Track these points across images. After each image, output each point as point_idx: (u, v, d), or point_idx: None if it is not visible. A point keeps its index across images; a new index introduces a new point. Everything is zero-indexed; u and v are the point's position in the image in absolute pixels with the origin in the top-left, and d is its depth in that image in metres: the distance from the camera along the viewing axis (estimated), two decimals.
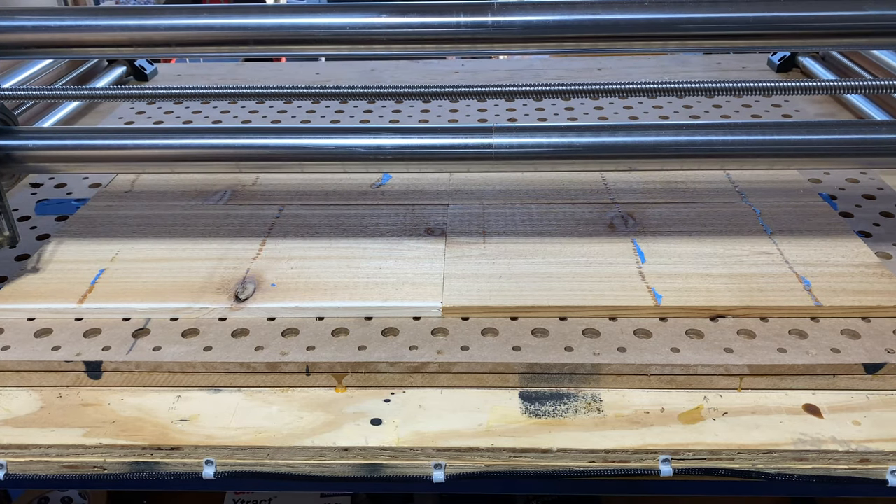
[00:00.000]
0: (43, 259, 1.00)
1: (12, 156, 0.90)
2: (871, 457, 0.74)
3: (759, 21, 0.80)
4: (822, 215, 1.06)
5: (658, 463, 0.75)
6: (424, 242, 1.02)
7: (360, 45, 0.83)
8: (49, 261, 1.00)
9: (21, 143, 0.92)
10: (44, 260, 1.00)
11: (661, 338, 0.85)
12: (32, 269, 0.98)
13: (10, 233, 0.91)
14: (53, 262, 0.99)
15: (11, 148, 0.90)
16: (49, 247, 1.03)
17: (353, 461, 0.76)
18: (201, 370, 0.83)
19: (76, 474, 0.78)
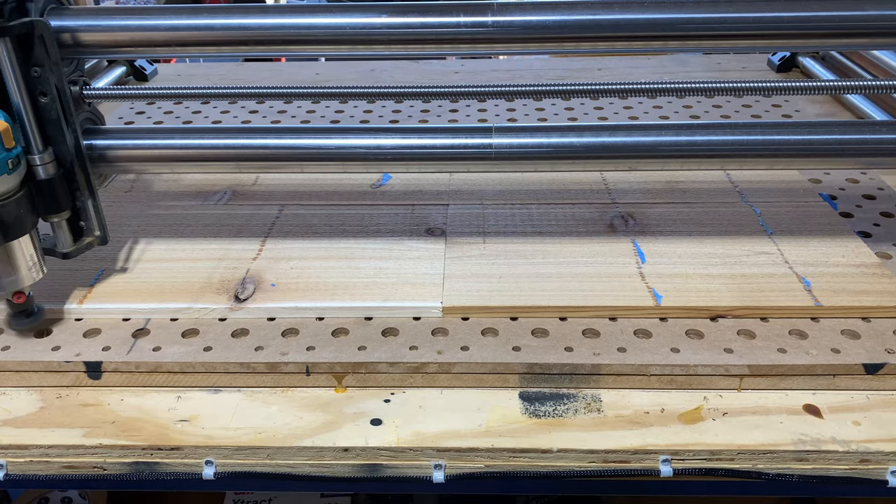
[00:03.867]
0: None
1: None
2: (871, 457, 0.74)
3: (759, 21, 0.80)
4: (822, 215, 1.06)
5: (658, 463, 0.75)
6: (424, 242, 1.02)
7: (360, 45, 0.83)
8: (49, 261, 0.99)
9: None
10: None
11: (661, 338, 0.85)
12: None
13: (101, 233, 0.91)
14: (54, 262, 0.99)
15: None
16: None
17: (353, 461, 0.76)
18: (201, 370, 0.83)
19: (76, 474, 0.78)
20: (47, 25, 0.77)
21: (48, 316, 0.90)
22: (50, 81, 0.79)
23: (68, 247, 0.89)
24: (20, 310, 0.86)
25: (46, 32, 0.77)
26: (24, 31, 0.76)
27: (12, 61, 0.76)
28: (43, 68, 0.78)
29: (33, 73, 0.78)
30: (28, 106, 0.79)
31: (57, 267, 0.98)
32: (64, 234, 0.88)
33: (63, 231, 0.88)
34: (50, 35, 0.78)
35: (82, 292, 0.93)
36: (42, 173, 0.82)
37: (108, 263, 0.99)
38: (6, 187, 0.78)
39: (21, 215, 0.80)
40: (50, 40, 0.78)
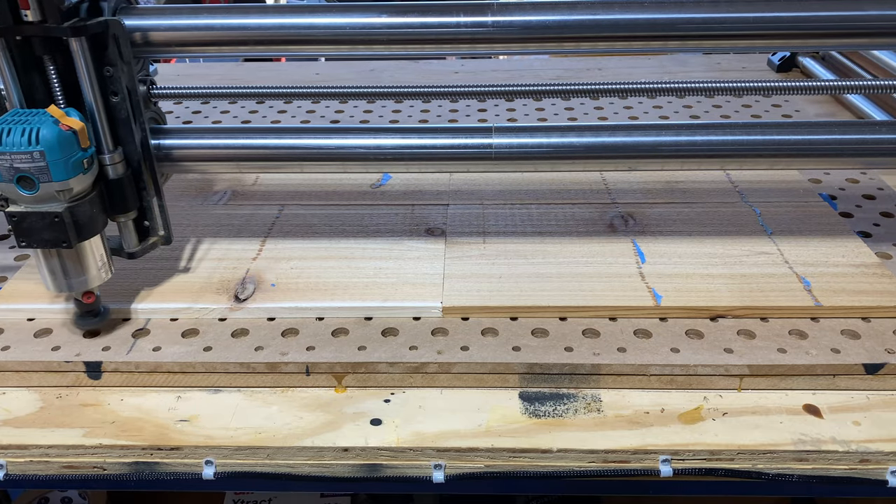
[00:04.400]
0: None
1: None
2: (871, 457, 0.74)
3: (759, 21, 0.80)
4: (822, 215, 1.06)
5: (658, 463, 0.75)
6: (424, 242, 1.02)
7: (360, 45, 0.83)
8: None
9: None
10: None
11: (661, 338, 0.85)
12: (32, 269, 0.98)
13: (166, 232, 0.91)
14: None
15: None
16: None
17: (353, 461, 0.76)
18: (201, 370, 0.83)
19: (76, 474, 0.78)
20: (121, 24, 0.78)
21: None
22: (121, 81, 0.79)
23: (134, 247, 0.89)
24: (88, 310, 0.86)
25: (120, 31, 0.78)
26: (99, 31, 0.76)
27: (87, 60, 0.76)
28: (115, 67, 0.79)
29: (105, 73, 0.79)
30: (100, 105, 0.79)
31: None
32: (130, 233, 0.88)
33: (129, 231, 0.88)
34: (124, 34, 0.78)
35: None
36: (112, 173, 0.82)
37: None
38: (81, 187, 0.78)
39: (93, 215, 0.80)
40: (123, 39, 0.78)
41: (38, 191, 0.75)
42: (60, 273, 0.82)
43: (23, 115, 0.74)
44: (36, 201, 0.76)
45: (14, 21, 0.73)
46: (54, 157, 0.73)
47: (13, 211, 0.76)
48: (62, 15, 0.73)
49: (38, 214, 0.76)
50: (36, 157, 0.73)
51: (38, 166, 0.73)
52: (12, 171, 0.73)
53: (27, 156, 0.73)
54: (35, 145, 0.72)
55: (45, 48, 0.76)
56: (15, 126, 0.73)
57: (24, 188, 0.75)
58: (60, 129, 0.73)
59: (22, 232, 0.77)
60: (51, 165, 0.73)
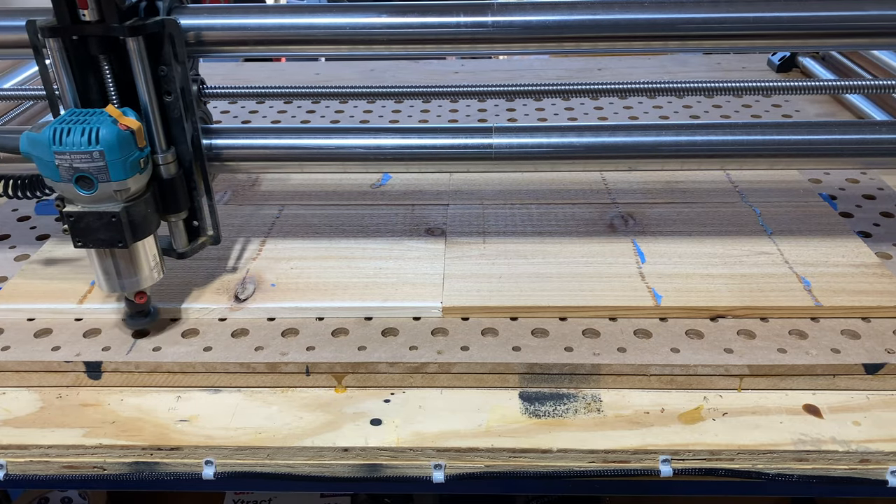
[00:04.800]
0: (43, 259, 1.00)
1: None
2: (871, 457, 0.74)
3: (759, 21, 0.80)
4: (822, 215, 1.06)
5: (658, 463, 0.75)
6: (424, 242, 1.02)
7: (360, 45, 0.83)
8: (49, 261, 1.00)
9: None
10: (44, 260, 1.00)
11: (661, 338, 0.85)
12: (32, 269, 0.98)
13: (215, 232, 0.91)
14: (53, 263, 0.99)
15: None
16: (49, 247, 1.03)
17: (352, 461, 0.76)
18: (201, 370, 0.83)
19: (76, 474, 0.78)
20: (177, 24, 0.78)
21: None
22: (175, 80, 0.79)
23: (184, 246, 0.89)
24: (139, 310, 0.86)
25: (176, 31, 0.78)
26: (155, 31, 0.76)
27: (143, 60, 0.76)
28: (169, 67, 0.79)
29: (160, 72, 0.79)
30: (154, 105, 0.79)
31: (57, 267, 0.98)
32: (180, 233, 0.88)
33: (179, 231, 0.88)
34: (179, 34, 0.78)
35: (82, 292, 0.92)
36: (164, 173, 0.82)
37: None
38: (138, 186, 0.77)
39: (148, 215, 0.80)
40: (179, 39, 0.78)
41: (97, 191, 0.74)
42: (114, 273, 0.81)
43: (81, 115, 0.74)
44: (93, 201, 0.76)
45: (71, 21, 0.73)
46: (113, 156, 0.73)
47: (70, 211, 0.76)
48: (120, 15, 0.73)
49: (95, 214, 0.76)
50: (95, 156, 0.72)
51: (97, 166, 0.73)
52: (72, 170, 0.73)
53: (87, 155, 0.72)
54: (95, 145, 0.72)
55: (101, 48, 0.75)
56: (74, 126, 0.72)
57: (82, 188, 0.74)
58: (119, 128, 0.73)
59: (78, 232, 0.77)
60: (109, 165, 0.73)
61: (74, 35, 0.75)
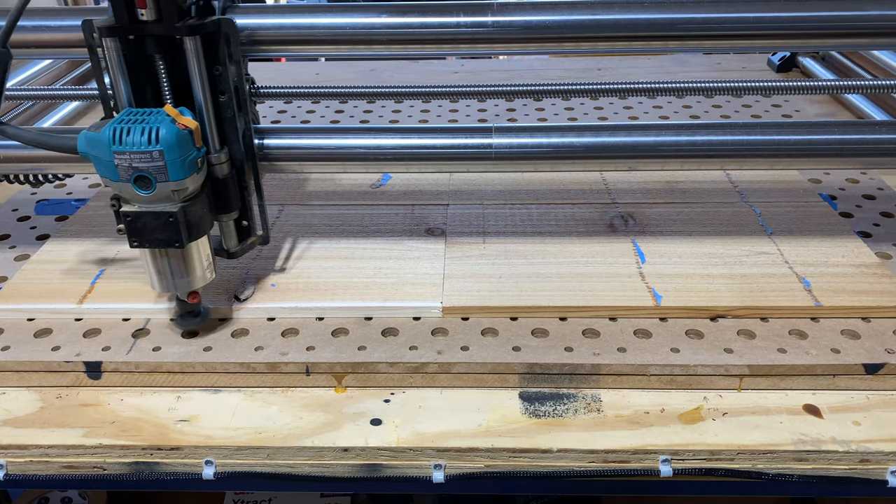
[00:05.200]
0: (43, 259, 1.00)
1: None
2: (871, 457, 0.74)
3: (759, 21, 0.80)
4: (822, 215, 1.06)
5: (658, 463, 0.75)
6: (424, 242, 1.02)
7: (360, 45, 0.83)
8: (49, 261, 1.00)
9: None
10: (44, 260, 1.00)
11: (661, 338, 0.85)
12: (32, 269, 0.98)
13: (264, 232, 0.91)
14: (53, 262, 0.99)
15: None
16: (49, 247, 1.03)
17: (352, 461, 0.76)
18: (201, 370, 0.83)
19: (76, 474, 0.78)
20: (233, 23, 0.77)
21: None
22: (229, 80, 0.79)
23: (234, 247, 0.89)
24: (189, 310, 0.86)
25: (231, 30, 0.78)
26: (213, 30, 0.76)
27: (200, 60, 0.76)
28: (224, 67, 0.78)
29: (215, 72, 0.78)
30: (209, 104, 0.79)
31: (57, 267, 0.98)
32: (231, 233, 0.88)
33: (230, 231, 0.88)
34: (235, 33, 0.78)
35: (82, 292, 0.92)
36: (218, 173, 0.81)
37: (108, 263, 0.99)
38: (194, 186, 0.77)
39: (203, 215, 0.80)
40: (234, 38, 0.78)
41: (155, 191, 0.74)
42: (168, 273, 0.81)
43: (139, 115, 0.74)
44: (151, 201, 0.75)
45: (129, 20, 0.73)
46: (173, 156, 0.73)
47: (127, 211, 0.76)
48: (178, 14, 0.73)
49: (153, 214, 0.75)
50: (155, 156, 0.72)
51: (156, 166, 0.73)
52: (131, 170, 0.73)
53: (146, 155, 0.72)
54: (155, 145, 0.72)
55: (157, 47, 0.75)
56: (134, 126, 0.72)
57: (140, 188, 0.74)
58: (178, 128, 0.73)
59: (135, 231, 0.76)
60: (169, 165, 0.73)
61: (131, 35, 0.74)
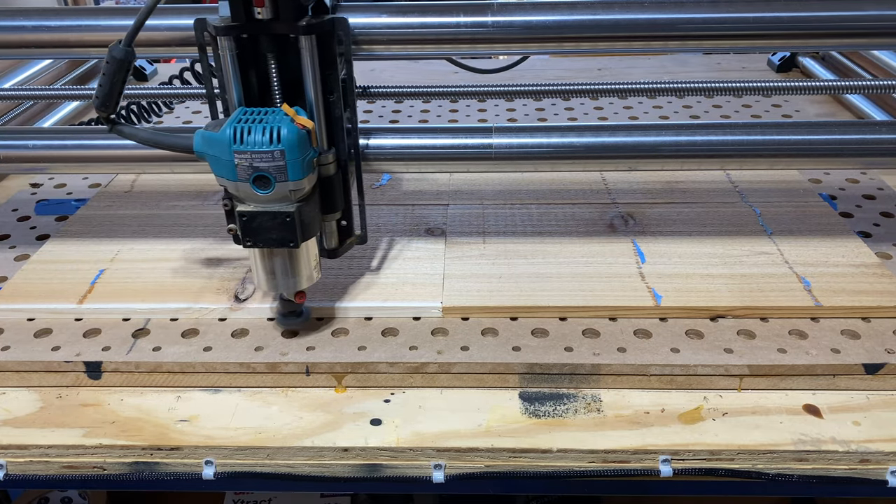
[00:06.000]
0: (43, 259, 1.00)
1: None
2: (871, 457, 0.74)
3: (759, 21, 0.80)
4: (822, 215, 1.06)
5: (658, 463, 0.75)
6: (424, 242, 1.02)
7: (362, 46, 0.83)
8: (49, 261, 1.00)
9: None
10: (44, 260, 1.00)
11: (661, 338, 0.85)
12: (32, 270, 0.98)
13: (362, 232, 0.91)
14: (53, 262, 0.99)
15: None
16: (49, 247, 1.03)
17: (352, 461, 0.76)
18: (201, 370, 0.83)
19: (76, 474, 0.78)
20: (347, 22, 0.77)
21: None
22: (337, 79, 0.79)
23: (335, 246, 0.88)
24: (292, 310, 0.85)
25: (345, 29, 0.77)
26: (327, 29, 0.75)
27: (314, 59, 0.75)
28: (335, 66, 0.78)
29: (326, 71, 0.78)
30: (320, 104, 0.78)
31: (57, 267, 0.98)
32: (332, 234, 0.87)
33: (332, 231, 0.87)
34: (347, 32, 0.77)
35: (82, 292, 0.92)
36: (324, 173, 0.81)
37: (108, 263, 0.99)
38: (310, 186, 0.77)
39: (315, 215, 0.80)
40: (346, 38, 0.78)
41: (273, 190, 0.74)
42: (280, 273, 0.81)
43: (257, 115, 0.73)
44: (267, 201, 0.75)
45: (246, 19, 0.73)
46: (293, 156, 0.72)
47: (243, 210, 0.75)
48: (295, 12, 0.73)
49: (270, 214, 0.75)
50: (276, 156, 0.71)
51: (276, 165, 0.72)
52: (251, 170, 0.72)
53: (268, 155, 0.71)
54: (276, 144, 0.71)
55: (270, 46, 0.75)
56: (255, 125, 0.71)
57: (259, 188, 0.74)
58: (298, 127, 0.72)
59: (250, 231, 0.76)
60: (289, 165, 0.72)
61: (246, 33, 0.74)
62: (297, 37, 0.74)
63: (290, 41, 0.75)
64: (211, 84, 0.80)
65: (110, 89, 0.72)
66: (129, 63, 0.72)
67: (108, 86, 0.72)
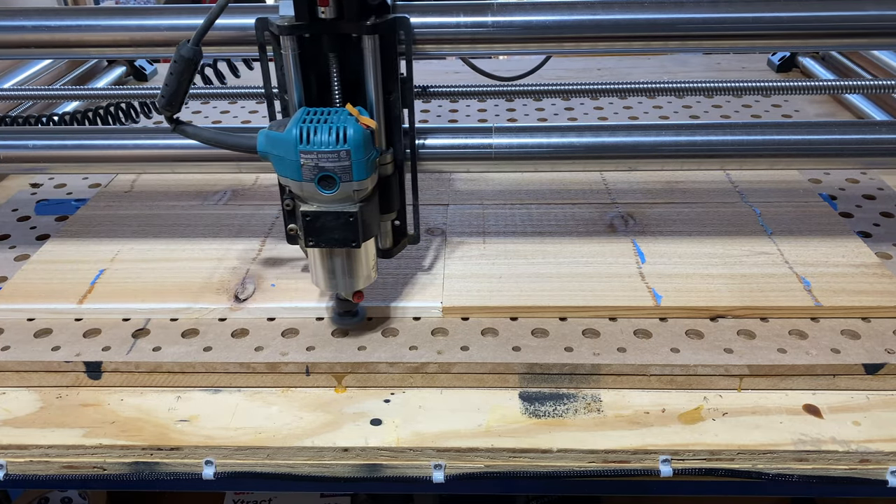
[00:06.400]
0: (43, 259, 1.00)
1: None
2: (871, 457, 0.74)
3: (759, 21, 0.80)
4: (822, 215, 1.06)
5: (658, 463, 0.75)
6: (424, 242, 1.02)
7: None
8: (49, 261, 1.00)
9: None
10: (44, 260, 1.00)
11: (661, 338, 0.85)
12: (32, 269, 0.98)
13: (415, 232, 0.90)
14: (53, 262, 0.99)
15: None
16: (49, 247, 1.03)
17: (352, 461, 0.76)
18: (201, 370, 0.83)
19: (76, 474, 0.78)
20: (409, 22, 0.76)
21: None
22: (396, 79, 0.78)
23: (389, 246, 0.88)
24: (347, 309, 0.85)
25: (407, 28, 0.77)
26: (390, 28, 0.75)
27: (376, 58, 0.75)
28: (395, 66, 0.77)
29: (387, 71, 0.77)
30: (380, 104, 0.78)
31: (57, 267, 0.98)
32: (387, 233, 0.88)
33: (386, 230, 0.87)
34: (409, 31, 0.77)
35: (82, 292, 0.92)
36: (382, 173, 0.81)
37: (108, 263, 0.99)
38: (372, 186, 0.77)
39: (375, 215, 0.80)
40: (408, 37, 0.77)
41: (337, 190, 0.73)
42: (340, 273, 0.81)
43: (321, 115, 0.73)
44: (331, 201, 0.74)
45: (310, 18, 0.72)
46: (359, 156, 0.72)
47: (307, 210, 0.75)
48: (360, 11, 0.72)
49: (333, 214, 0.75)
50: (342, 156, 0.71)
51: (342, 165, 0.72)
52: (316, 170, 0.72)
53: (334, 155, 0.71)
54: (343, 144, 0.71)
55: (333, 45, 0.74)
56: (321, 125, 0.71)
57: (324, 188, 0.73)
58: (363, 127, 0.72)
59: (313, 231, 0.76)
60: (354, 165, 0.72)
61: (309, 33, 0.73)
62: (360, 36, 0.74)
63: (353, 40, 0.74)
64: (270, 83, 0.79)
65: (177, 88, 0.72)
66: (196, 63, 0.72)
67: (174, 85, 0.71)
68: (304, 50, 0.75)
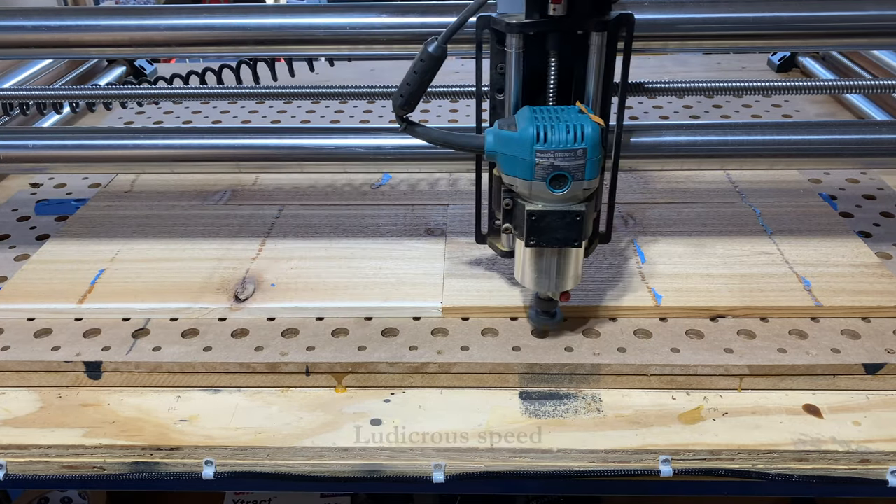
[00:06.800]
0: (43, 259, 1.00)
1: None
2: (871, 457, 0.74)
3: (759, 21, 0.80)
4: (822, 215, 1.06)
5: (658, 463, 0.75)
6: (424, 242, 1.02)
7: (360, 45, 0.83)
8: (49, 261, 1.00)
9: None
10: (44, 260, 1.00)
11: (661, 338, 0.85)
12: (32, 269, 0.98)
13: (607, 231, 0.88)
14: (53, 262, 0.99)
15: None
16: (49, 247, 1.03)
17: (352, 461, 0.76)
18: (201, 370, 0.83)
19: (76, 474, 0.78)
20: (632, 18, 0.74)
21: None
22: (612, 75, 0.76)
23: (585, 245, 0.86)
24: (546, 309, 0.84)
25: (630, 24, 0.74)
26: (615, 26, 0.73)
27: (601, 56, 0.73)
28: (614, 63, 0.76)
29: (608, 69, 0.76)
30: (599, 102, 0.76)
31: (57, 267, 0.98)
32: None
33: None
34: (631, 28, 0.75)
35: (82, 292, 0.92)
36: None
37: (108, 263, 0.99)
38: (596, 185, 0.75)
39: (592, 214, 0.78)
40: (629, 33, 0.75)
41: (567, 190, 0.72)
42: (553, 273, 0.79)
43: (552, 113, 0.72)
44: (559, 200, 0.73)
45: (540, 16, 0.71)
46: (594, 154, 0.70)
47: (533, 210, 0.73)
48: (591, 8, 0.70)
49: (559, 213, 0.73)
50: (578, 154, 0.70)
51: (576, 164, 0.70)
52: (550, 168, 0.70)
53: (570, 153, 0.70)
54: (580, 142, 0.69)
55: (556, 43, 0.73)
56: (557, 124, 0.70)
57: (555, 187, 0.72)
58: (598, 125, 0.71)
59: (536, 230, 0.74)
60: (588, 163, 0.70)
61: (535, 31, 0.72)
62: (587, 33, 0.72)
63: (577, 37, 0.73)
64: (480, 81, 0.79)
65: (419, 88, 0.71)
66: (442, 62, 0.71)
67: (416, 84, 0.71)
68: (527, 48, 0.73)
